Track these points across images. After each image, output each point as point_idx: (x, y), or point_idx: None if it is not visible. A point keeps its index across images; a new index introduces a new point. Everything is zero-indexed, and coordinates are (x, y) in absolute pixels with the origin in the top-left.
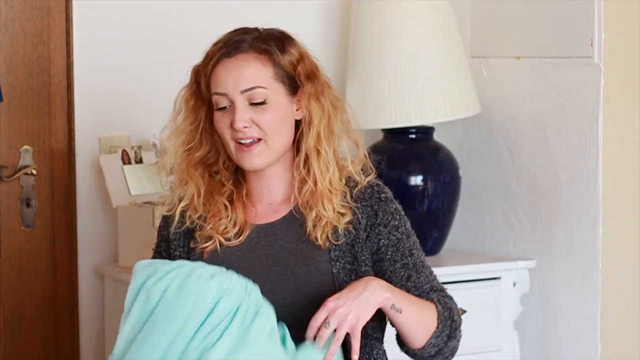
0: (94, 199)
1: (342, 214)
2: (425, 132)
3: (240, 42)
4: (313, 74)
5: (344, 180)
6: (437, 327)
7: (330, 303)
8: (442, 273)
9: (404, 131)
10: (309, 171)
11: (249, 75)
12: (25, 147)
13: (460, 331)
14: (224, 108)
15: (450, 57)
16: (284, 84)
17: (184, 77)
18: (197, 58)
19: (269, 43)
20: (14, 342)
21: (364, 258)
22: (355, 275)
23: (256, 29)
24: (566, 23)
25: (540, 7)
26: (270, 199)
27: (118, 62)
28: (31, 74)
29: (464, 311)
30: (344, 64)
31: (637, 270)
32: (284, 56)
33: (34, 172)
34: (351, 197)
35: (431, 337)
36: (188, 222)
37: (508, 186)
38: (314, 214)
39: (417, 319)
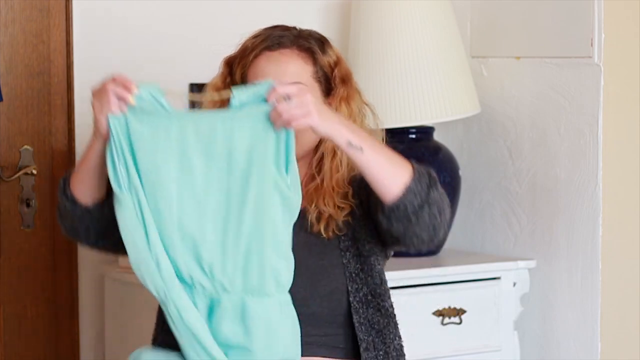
0: None
1: (341, 208)
2: (425, 132)
3: (282, 38)
4: (347, 78)
5: (349, 179)
6: (414, 173)
7: (308, 94)
8: (442, 273)
9: (404, 131)
10: (320, 170)
11: (291, 70)
12: (25, 147)
13: (440, 187)
14: None
15: (450, 57)
16: (320, 84)
17: (184, 77)
18: (197, 57)
19: (311, 42)
20: (14, 342)
21: (364, 236)
22: (359, 258)
23: (295, 28)
24: (566, 23)
25: (540, 7)
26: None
27: (118, 62)
28: (31, 74)
29: (464, 311)
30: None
31: (637, 270)
32: (324, 56)
33: (34, 172)
34: (352, 195)
35: (410, 182)
36: None
37: (508, 186)
38: (313, 207)
39: (385, 159)
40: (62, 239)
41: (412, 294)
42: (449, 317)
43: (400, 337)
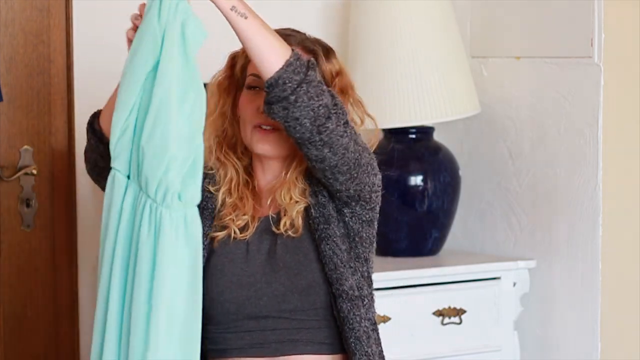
0: (94, 199)
1: (297, 202)
2: (425, 132)
3: (288, 36)
4: (346, 90)
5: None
6: (292, 51)
7: None
8: (442, 273)
9: (404, 131)
10: (289, 164)
11: None
12: (25, 147)
13: (316, 86)
14: (256, 89)
15: (450, 57)
16: None
17: None
18: (197, 57)
19: (316, 46)
20: (14, 342)
21: (333, 214)
22: (335, 248)
23: (304, 33)
24: (566, 23)
25: (540, 7)
26: (268, 197)
27: (118, 62)
28: (31, 74)
29: (464, 311)
30: (344, 64)
31: (637, 270)
32: (327, 63)
33: (34, 172)
34: (309, 191)
35: (290, 57)
36: (220, 201)
37: (508, 186)
38: (273, 206)
39: (268, 31)
40: (62, 239)
41: (412, 294)
42: (449, 317)
43: (380, 344)
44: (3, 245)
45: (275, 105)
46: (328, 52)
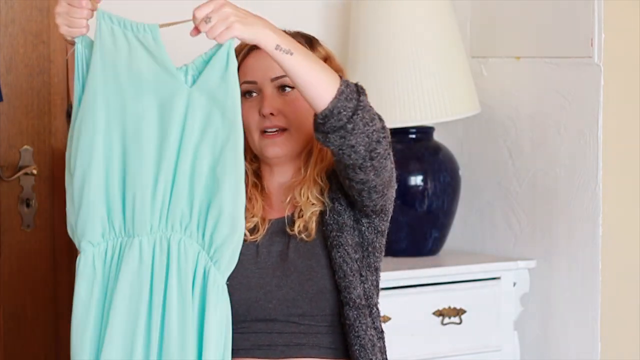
0: None
1: (312, 204)
2: (425, 132)
3: None
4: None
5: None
6: (341, 78)
7: (225, 6)
8: (442, 273)
9: (404, 131)
10: (307, 162)
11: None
12: (25, 147)
13: (369, 111)
14: (252, 96)
15: (450, 57)
16: None
17: None
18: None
19: (299, 39)
20: (14, 342)
21: (349, 222)
22: (346, 256)
23: (283, 30)
24: (566, 23)
25: (540, 7)
26: (285, 196)
27: None
28: (31, 74)
29: (464, 311)
30: (344, 64)
31: (637, 270)
32: (312, 52)
33: (34, 172)
34: (329, 192)
35: (341, 86)
36: None
37: (508, 186)
38: (290, 205)
39: (315, 62)
40: (62, 239)
41: (412, 294)
42: (449, 317)
43: (385, 352)
44: (3, 245)
45: (331, 135)
46: (311, 41)
